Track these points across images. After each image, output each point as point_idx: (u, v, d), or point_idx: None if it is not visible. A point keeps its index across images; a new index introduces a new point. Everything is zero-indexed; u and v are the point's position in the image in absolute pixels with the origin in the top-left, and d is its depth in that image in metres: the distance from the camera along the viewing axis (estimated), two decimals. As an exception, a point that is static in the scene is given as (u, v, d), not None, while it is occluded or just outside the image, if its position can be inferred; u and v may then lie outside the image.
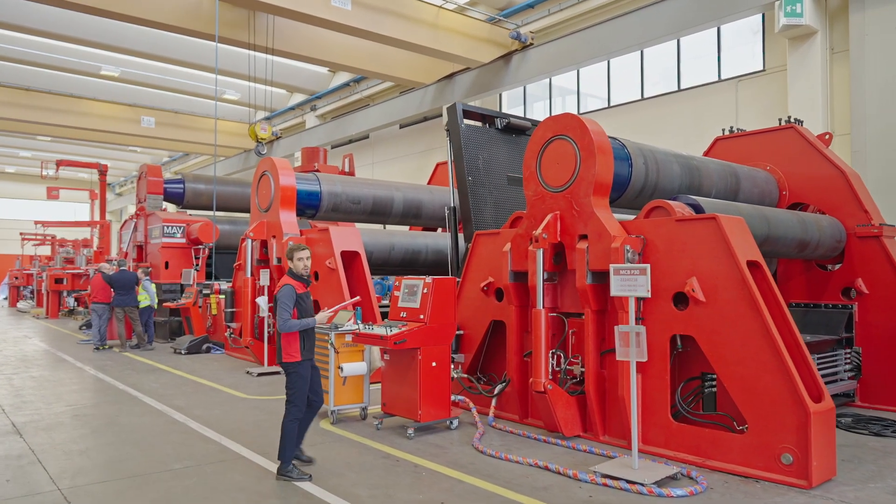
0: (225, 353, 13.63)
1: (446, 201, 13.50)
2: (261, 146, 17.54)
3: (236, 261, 13.43)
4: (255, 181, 12.23)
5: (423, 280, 7.04)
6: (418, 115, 23.84)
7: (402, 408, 6.94)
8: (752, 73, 15.23)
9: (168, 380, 10.35)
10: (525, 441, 6.65)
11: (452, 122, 8.87)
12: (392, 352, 7.05)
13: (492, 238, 7.96)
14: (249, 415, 7.85)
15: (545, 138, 6.98)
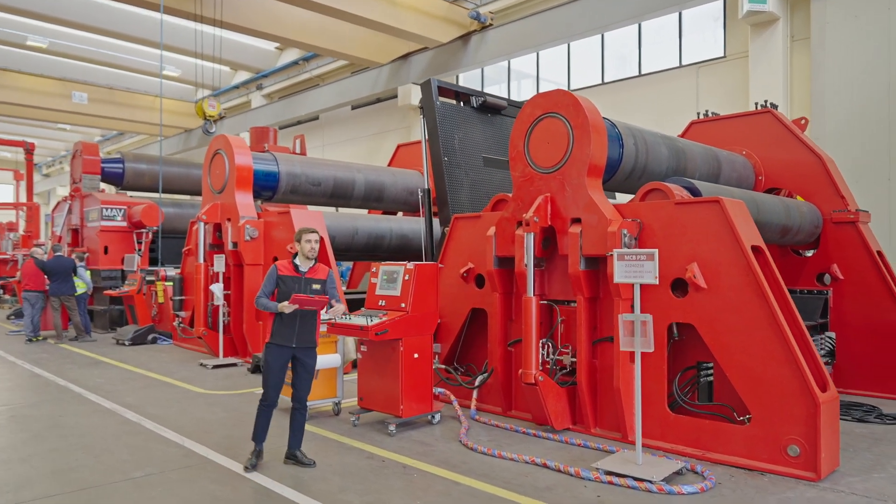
0: (173, 343, 12.82)
1: (409, 184, 13.04)
2: (209, 124, 16.60)
3: (185, 245, 12.61)
4: (206, 160, 11.43)
5: (404, 266, 6.58)
6: (371, 97, 23.13)
7: (382, 402, 6.49)
8: (714, 59, 15.25)
9: (114, 374, 9.56)
10: (513, 435, 6.31)
11: (427, 99, 8.38)
12: (370, 343, 6.57)
13: (472, 222, 7.55)
14: (210, 412, 7.24)
15: (534, 116, 6.59)
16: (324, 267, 5.54)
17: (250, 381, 8.96)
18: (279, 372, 5.35)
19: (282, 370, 5.36)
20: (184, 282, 12.56)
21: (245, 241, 10.29)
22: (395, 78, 21.31)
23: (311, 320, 5.34)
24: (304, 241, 5.41)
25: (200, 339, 10.82)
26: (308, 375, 5.41)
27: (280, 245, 10.15)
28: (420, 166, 13.57)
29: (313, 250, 5.40)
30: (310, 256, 5.44)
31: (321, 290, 5.36)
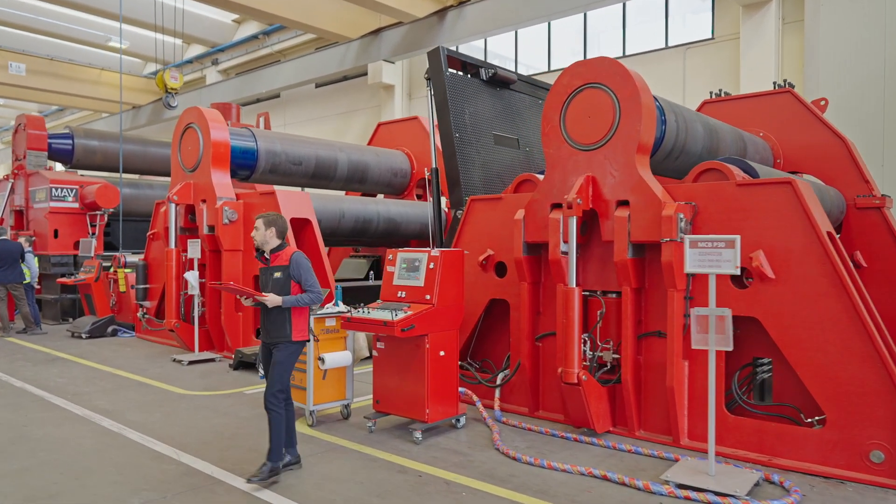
0: (136, 336, 11.75)
1: (393, 165, 12.27)
2: (170, 97, 15.38)
3: (150, 229, 11.53)
4: (176, 135, 10.39)
5: (428, 253, 5.87)
6: (338, 74, 22.06)
7: (403, 405, 5.79)
8: (701, 40, 14.91)
9: (77, 372, 8.54)
10: (551, 440, 5.72)
11: (435, 69, 7.63)
12: (389, 339, 5.86)
13: (491, 204, 6.88)
14: (201, 418, 6.40)
15: (572, 87, 5.94)
16: (288, 252, 4.88)
17: (235, 380, 8.11)
18: (264, 360, 4.95)
19: (266, 359, 4.92)
20: (148, 268, 11.51)
21: (223, 224, 9.35)
22: (364, 54, 20.31)
23: (276, 314, 4.77)
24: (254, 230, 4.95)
25: (172, 332, 9.85)
26: (274, 368, 4.78)
27: (263, 229, 9.25)
28: (405, 145, 12.82)
29: (260, 241, 4.89)
30: (257, 247, 4.95)
31: (281, 279, 4.79)
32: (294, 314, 4.78)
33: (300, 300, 4.73)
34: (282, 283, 4.78)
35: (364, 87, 21.73)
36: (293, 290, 4.80)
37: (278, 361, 4.73)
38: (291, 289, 4.80)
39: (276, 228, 4.86)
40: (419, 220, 11.68)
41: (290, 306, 4.72)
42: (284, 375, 4.75)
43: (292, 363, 4.82)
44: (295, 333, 4.77)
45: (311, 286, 4.78)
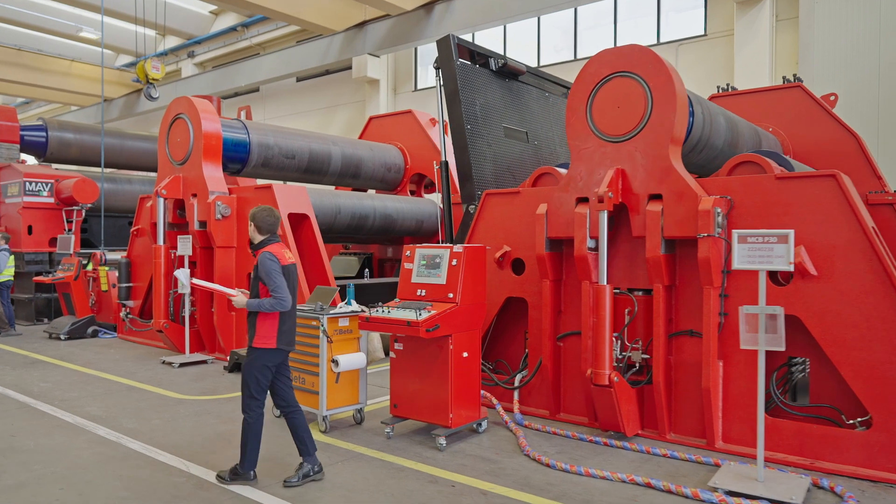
0: (118, 337, 11.24)
1: (386, 160, 11.94)
2: (151, 88, 14.79)
3: (134, 224, 11.02)
4: (164, 127, 9.91)
5: (450, 249, 5.57)
6: (320, 68, 21.59)
7: (424, 410, 5.49)
8: (694, 37, 14.84)
9: (61, 376, 8.06)
10: (581, 444, 5.47)
11: (445, 58, 7.32)
12: (408, 340, 5.55)
13: (508, 199, 6.61)
14: (204, 424, 6.01)
15: (600, 76, 5.69)
16: (263, 252, 4.56)
17: (233, 383, 7.71)
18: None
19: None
20: (131, 266, 11.01)
21: (216, 220, 8.92)
22: (349, 48, 19.89)
23: (249, 315, 4.55)
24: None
25: (160, 333, 9.38)
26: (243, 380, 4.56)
27: (258, 225, 8.85)
28: (397, 140, 12.48)
29: (250, 237, 4.73)
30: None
31: (253, 279, 4.59)
32: (259, 319, 4.46)
33: (262, 305, 4.40)
34: (253, 282, 4.54)
35: (347, 81, 21.30)
36: (261, 292, 4.51)
37: (247, 366, 4.49)
38: (260, 291, 4.51)
39: (254, 223, 4.59)
40: (414, 217, 11.37)
41: (254, 310, 4.45)
42: (250, 383, 4.46)
43: (257, 371, 4.47)
44: (256, 339, 4.45)
45: (273, 289, 4.40)
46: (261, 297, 4.46)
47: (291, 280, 4.54)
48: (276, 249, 4.54)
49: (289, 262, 4.56)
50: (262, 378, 4.47)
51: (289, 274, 4.51)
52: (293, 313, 4.58)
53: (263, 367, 4.47)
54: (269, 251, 4.50)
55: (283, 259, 4.51)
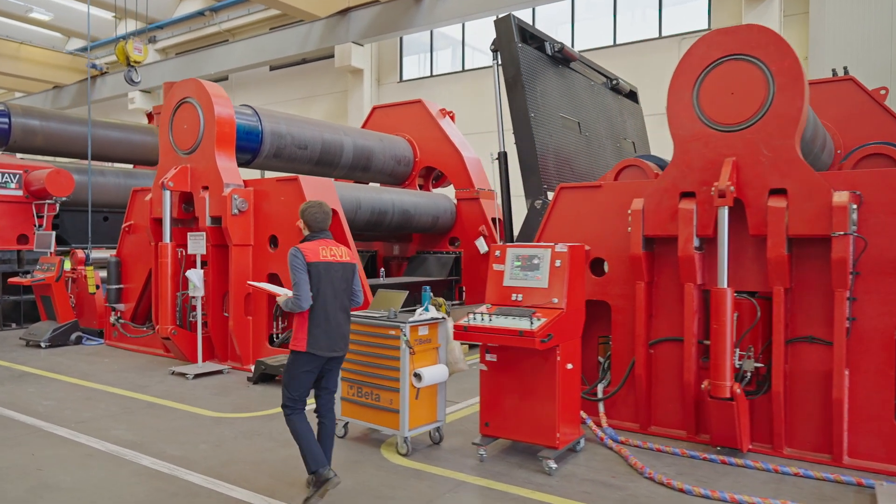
0: (105, 344, 10.21)
1: (396, 152, 11.28)
2: (133, 71, 13.64)
3: (125, 220, 10.02)
4: (166, 113, 8.97)
5: (551, 248, 4.99)
6: (297, 56, 20.62)
7: (524, 429, 4.90)
8: (698, 31, 14.64)
9: (62, 391, 7.11)
10: (695, 463, 4.98)
11: (505, 39, 6.72)
12: (502, 350, 4.95)
13: (587, 193, 6.06)
14: (263, 450, 5.26)
15: (710, 59, 5.20)
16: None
17: (264, 397, 6.94)
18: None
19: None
20: (121, 266, 10.01)
21: (232, 215, 8.08)
22: (330, 36, 19.03)
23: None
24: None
25: (167, 341, 8.46)
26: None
27: (280, 221, 8.07)
28: (405, 131, 11.79)
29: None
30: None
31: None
32: (295, 319, 4.25)
33: (286, 304, 4.20)
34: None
35: (327, 70, 20.41)
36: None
37: (284, 369, 4.32)
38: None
39: (304, 220, 4.36)
40: (431, 212, 10.73)
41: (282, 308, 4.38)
42: (287, 386, 4.25)
43: (293, 374, 4.23)
44: (291, 340, 4.23)
45: (293, 287, 4.14)
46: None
47: (323, 278, 4.17)
48: (309, 246, 4.23)
49: (323, 259, 4.21)
50: (298, 382, 4.20)
51: (319, 272, 4.15)
52: (328, 316, 4.19)
53: (298, 369, 4.20)
54: (298, 246, 4.23)
55: (312, 255, 4.17)
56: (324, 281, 4.15)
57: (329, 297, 4.17)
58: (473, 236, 11.07)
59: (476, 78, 17.79)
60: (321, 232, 4.35)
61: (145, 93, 25.03)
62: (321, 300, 4.13)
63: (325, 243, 4.29)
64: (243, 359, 8.26)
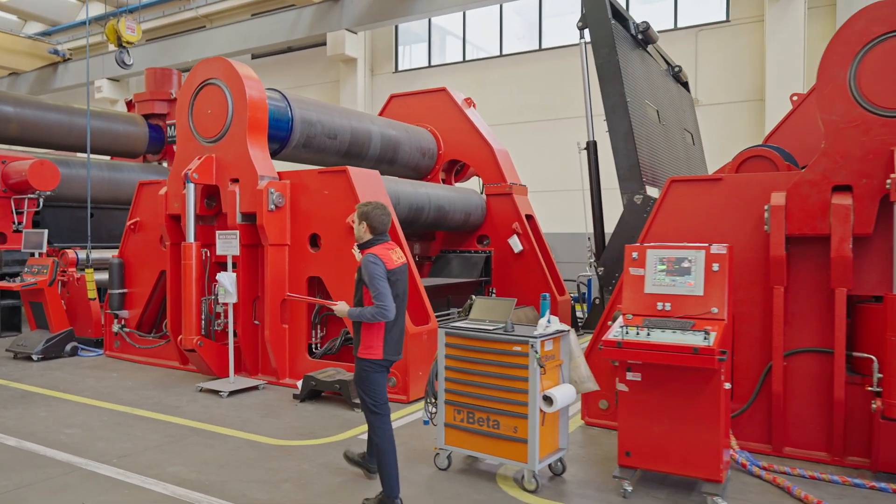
0: (105, 355, 9.14)
1: (421, 144, 10.53)
2: (124, 53, 12.48)
3: (129, 217, 8.97)
4: (185, 97, 7.97)
5: (705, 249, 4.32)
6: (281, 45, 19.53)
7: (676, 458, 4.22)
8: (715, 23, 14.25)
9: (82, 415, 6.12)
10: (869, 494, 4.38)
11: (597, 15, 6.03)
12: (648, 369, 4.26)
13: (704, 187, 5.42)
14: (352, 484, 4.45)
15: (870, 35, 4.62)
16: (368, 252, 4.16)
17: (323, 416, 6.09)
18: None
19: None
20: (125, 268, 8.97)
21: (268, 211, 7.19)
22: (322, 22, 18.03)
23: (356, 323, 4.18)
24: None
25: (192, 353, 7.49)
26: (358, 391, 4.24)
27: (323, 218, 7.22)
28: (427, 122, 10.98)
29: (357, 237, 4.30)
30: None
31: (357, 283, 4.24)
32: (364, 327, 4.12)
33: (363, 314, 4.03)
34: (357, 286, 4.21)
35: (315, 59, 19.41)
36: (365, 297, 4.13)
37: (357, 379, 4.21)
38: (364, 296, 4.15)
39: (367, 222, 4.19)
40: (463, 209, 9.97)
41: (353, 320, 4.11)
42: (366, 397, 4.15)
43: (371, 383, 4.14)
44: (361, 348, 4.13)
45: (375, 296, 4.00)
46: (365, 303, 4.10)
47: (399, 284, 4.16)
48: (381, 251, 4.12)
49: (397, 264, 4.17)
50: (377, 389, 4.15)
51: (396, 278, 4.12)
52: (398, 321, 4.18)
53: (378, 377, 4.14)
54: (374, 253, 4.09)
55: (390, 262, 4.11)
56: (397, 286, 4.11)
57: (400, 302, 4.14)
58: (504, 234, 10.36)
59: (478, 69, 17.09)
60: (383, 234, 4.24)
61: (113, 81, 23.52)
62: (396, 306, 4.07)
63: (390, 247, 4.23)
64: (279, 372, 7.38)
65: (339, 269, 7.06)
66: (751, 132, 13.51)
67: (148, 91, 14.37)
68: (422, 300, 7.15)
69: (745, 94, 13.66)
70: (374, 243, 4.19)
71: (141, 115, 14.32)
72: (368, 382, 4.15)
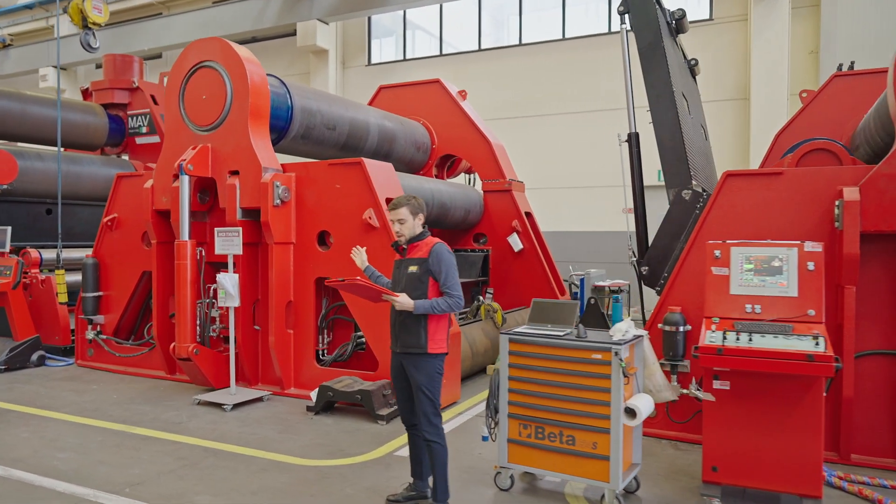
0: (76, 364, 8.32)
1: (416, 137, 10.06)
2: (90, 35, 11.53)
3: (106, 213, 8.19)
4: (175, 81, 7.27)
5: (798, 247, 4.01)
6: (246, 34, 18.62)
7: (771, 474, 3.90)
8: (699, 20, 14.18)
9: (72, 436, 5.40)
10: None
11: (643, 1, 5.68)
12: (739, 376, 3.92)
13: (764, 181, 5.13)
14: (419, 514, 3.97)
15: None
16: (428, 242, 3.98)
17: (345, 431, 5.56)
18: (395, 381, 4.06)
19: (397, 379, 4.03)
20: (99, 269, 8.18)
21: (273, 206, 6.59)
22: (291, 12, 17.25)
23: (408, 317, 3.85)
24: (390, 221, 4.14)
25: (185, 363, 6.81)
26: (418, 392, 3.86)
27: (333, 214, 6.67)
28: (419, 115, 10.48)
29: (398, 235, 4.01)
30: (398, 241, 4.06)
31: (417, 274, 3.88)
32: (431, 320, 3.87)
33: (436, 306, 3.82)
34: (417, 279, 3.87)
35: (282, 50, 18.62)
36: (429, 289, 3.86)
37: (421, 384, 3.84)
38: (428, 287, 3.86)
39: (423, 214, 4.04)
40: (463, 206, 9.54)
41: (425, 312, 3.82)
42: (436, 395, 3.88)
43: (438, 380, 3.90)
44: (431, 344, 3.87)
45: (450, 287, 3.86)
46: (429, 296, 3.84)
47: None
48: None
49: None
50: (439, 388, 3.91)
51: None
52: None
53: (441, 377, 3.92)
54: (442, 242, 3.95)
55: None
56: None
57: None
58: (503, 232, 9.97)
59: (455, 64, 16.66)
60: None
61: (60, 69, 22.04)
62: None
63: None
64: (284, 381, 6.79)
65: (353, 269, 6.50)
66: (735, 131, 13.52)
67: (107, 79, 13.40)
68: (442, 302, 6.67)
69: (730, 92, 13.66)
70: (425, 235, 4.03)
71: (99, 104, 13.35)
72: (437, 383, 3.88)
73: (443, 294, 3.85)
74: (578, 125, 15.00)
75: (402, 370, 3.96)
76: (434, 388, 3.85)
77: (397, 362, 3.98)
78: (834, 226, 4.81)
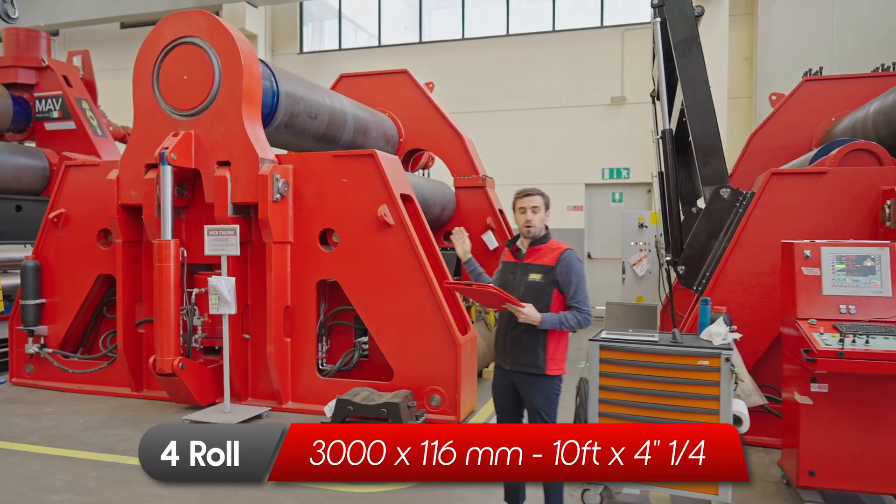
0: (11, 383, 7.20)
1: (386, 130, 9.60)
2: (9, 5, 10.08)
3: (50, 209, 7.11)
4: (146, 59, 6.41)
5: (889, 246, 3.99)
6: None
7: (872, 476, 3.85)
8: (641, 23, 14.52)
9: (56, 472, 4.56)
10: None
11: (679, -8, 5.56)
12: (836, 378, 3.85)
13: (808, 181, 5.15)
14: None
15: None
16: (554, 248, 3.52)
17: (383, 451, 5.04)
18: (499, 401, 3.63)
19: (502, 399, 3.60)
20: (41, 272, 7.11)
21: (272, 201, 5.92)
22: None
23: (525, 332, 3.42)
24: (517, 211, 3.61)
25: (168, 378, 5.97)
26: (535, 415, 3.45)
27: (339, 210, 6.09)
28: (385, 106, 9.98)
29: (527, 225, 3.52)
30: (524, 234, 3.58)
31: (541, 284, 3.44)
32: (551, 338, 3.44)
33: (564, 322, 3.39)
34: (540, 290, 3.43)
35: (207, 34, 17.27)
36: (553, 302, 3.42)
37: (539, 407, 3.42)
38: (552, 300, 3.42)
39: (549, 210, 3.61)
40: (439, 202, 9.17)
41: (551, 328, 3.38)
42: (554, 418, 3.50)
43: (556, 402, 3.50)
44: (550, 364, 3.44)
45: (580, 301, 3.43)
46: (552, 308, 3.41)
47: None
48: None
49: None
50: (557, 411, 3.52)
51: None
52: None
53: (558, 396, 3.51)
54: (572, 249, 3.51)
55: None
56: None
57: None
58: (476, 230, 9.68)
59: (396, 55, 16.13)
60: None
61: (-67, 44, 19.39)
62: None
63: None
64: (282, 395, 6.14)
65: (363, 272, 5.99)
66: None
67: (9, 56, 11.82)
68: (458, 304, 6.28)
69: (670, 94, 14.11)
70: (549, 238, 3.56)
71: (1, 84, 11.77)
72: (555, 405, 3.50)
73: (569, 308, 3.43)
74: (523, 122, 14.96)
75: (511, 390, 3.54)
76: (553, 411, 3.49)
77: (506, 381, 3.54)
78: (878, 225, 4.90)
